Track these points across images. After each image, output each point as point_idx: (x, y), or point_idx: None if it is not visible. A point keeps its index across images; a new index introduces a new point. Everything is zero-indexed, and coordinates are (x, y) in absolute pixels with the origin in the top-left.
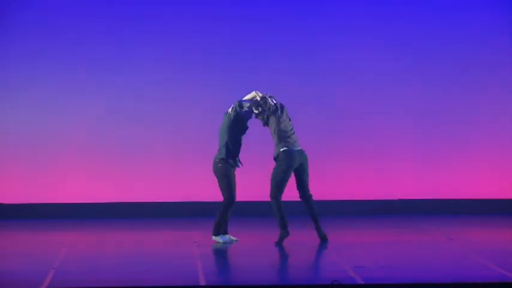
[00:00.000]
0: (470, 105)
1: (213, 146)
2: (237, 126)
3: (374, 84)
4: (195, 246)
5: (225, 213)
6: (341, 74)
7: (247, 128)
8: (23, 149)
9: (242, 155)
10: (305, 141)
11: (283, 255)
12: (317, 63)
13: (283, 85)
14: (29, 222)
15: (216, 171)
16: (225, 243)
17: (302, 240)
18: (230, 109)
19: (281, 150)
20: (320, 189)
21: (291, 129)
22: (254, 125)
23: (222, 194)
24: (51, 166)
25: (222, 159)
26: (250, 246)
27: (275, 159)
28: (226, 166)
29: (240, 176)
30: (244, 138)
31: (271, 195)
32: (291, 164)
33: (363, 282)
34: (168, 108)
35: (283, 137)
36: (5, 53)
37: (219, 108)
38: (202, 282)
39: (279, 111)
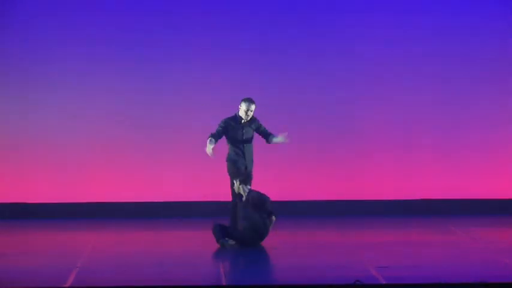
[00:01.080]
0: (495, 104)
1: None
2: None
3: (397, 83)
4: (216, 245)
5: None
6: (360, 71)
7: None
8: (47, 149)
9: (259, 155)
10: (328, 140)
11: (305, 255)
12: (335, 62)
13: (302, 86)
14: (53, 222)
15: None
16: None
17: (323, 240)
18: None
19: None
20: (343, 189)
21: None
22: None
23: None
24: (75, 166)
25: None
26: (272, 246)
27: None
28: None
29: (259, 176)
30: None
31: None
32: None
33: (385, 282)
34: (193, 109)
35: None
36: (26, 53)
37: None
38: (224, 282)
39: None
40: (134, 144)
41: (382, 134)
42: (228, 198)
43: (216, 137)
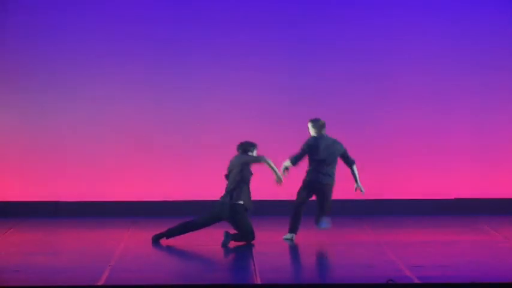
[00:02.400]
0: None
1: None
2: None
3: (432, 82)
4: (247, 244)
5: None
6: (389, 71)
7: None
8: (79, 148)
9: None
10: (363, 138)
11: (339, 254)
12: (369, 60)
13: (333, 85)
14: (85, 220)
15: None
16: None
17: (355, 239)
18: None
19: None
20: (377, 188)
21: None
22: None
23: None
24: (108, 165)
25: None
26: (304, 245)
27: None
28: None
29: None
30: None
31: None
32: None
33: (418, 282)
34: (225, 108)
35: None
36: (51, 51)
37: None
38: (258, 281)
39: None
40: (165, 143)
41: (417, 133)
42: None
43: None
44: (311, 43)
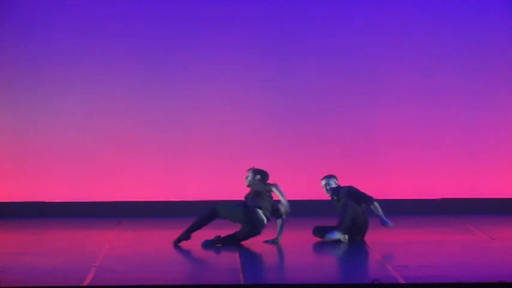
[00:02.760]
0: None
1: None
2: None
3: (422, 81)
4: (233, 245)
5: None
6: (378, 68)
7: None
8: (66, 149)
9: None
10: (352, 137)
11: (324, 254)
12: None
13: (317, 84)
14: (71, 221)
15: None
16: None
17: None
18: None
19: None
20: (364, 188)
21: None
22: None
23: None
24: (93, 165)
25: None
26: (290, 245)
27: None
28: None
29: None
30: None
31: None
32: None
33: (403, 282)
34: (212, 108)
35: None
36: (41, 52)
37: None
38: (242, 281)
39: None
40: (152, 143)
41: (403, 133)
42: None
43: None
44: (308, 42)
